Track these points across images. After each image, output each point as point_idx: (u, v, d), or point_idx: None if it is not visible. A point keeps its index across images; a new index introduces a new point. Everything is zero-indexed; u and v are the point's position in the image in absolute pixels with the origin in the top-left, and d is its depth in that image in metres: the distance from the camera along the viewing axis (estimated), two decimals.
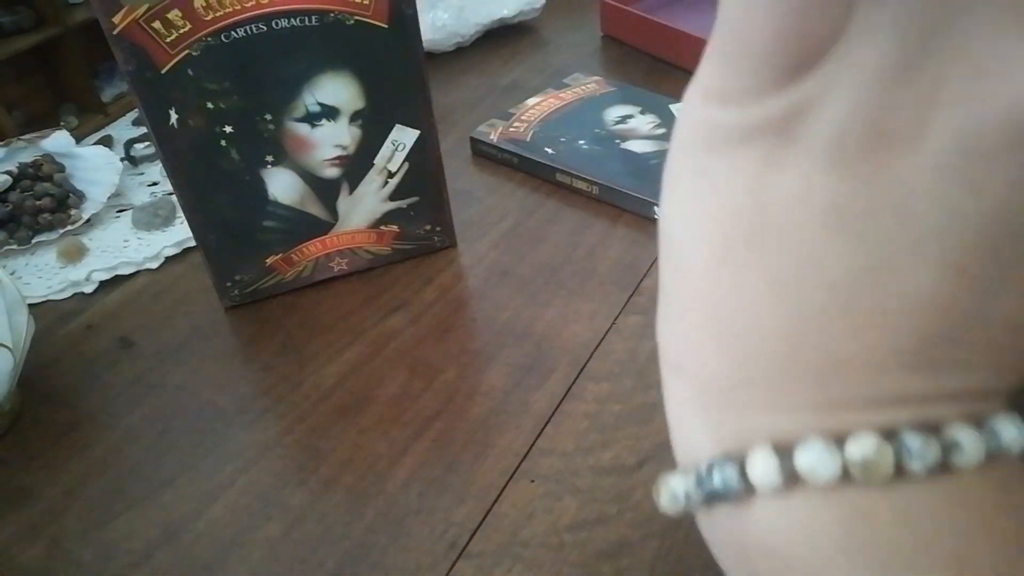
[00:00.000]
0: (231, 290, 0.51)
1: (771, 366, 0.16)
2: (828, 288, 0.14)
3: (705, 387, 0.17)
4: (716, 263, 0.16)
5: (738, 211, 0.15)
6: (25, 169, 0.61)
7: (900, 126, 0.13)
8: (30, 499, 0.41)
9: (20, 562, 0.38)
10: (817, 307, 0.15)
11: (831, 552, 0.15)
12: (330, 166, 0.48)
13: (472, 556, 0.36)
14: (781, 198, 0.14)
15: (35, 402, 0.46)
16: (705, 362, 0.17)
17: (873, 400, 0.15)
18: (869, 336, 0.15)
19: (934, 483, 0.15)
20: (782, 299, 0.15)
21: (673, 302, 0.17)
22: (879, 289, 0.14)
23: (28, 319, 0.45)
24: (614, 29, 0.79)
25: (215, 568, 0.37)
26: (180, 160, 0.45)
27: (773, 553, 0.16)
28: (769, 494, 0.16)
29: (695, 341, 0.17)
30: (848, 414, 0.15)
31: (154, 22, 0.40)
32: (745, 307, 0.15)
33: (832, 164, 0.14)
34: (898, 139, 0.13)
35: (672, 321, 0.18)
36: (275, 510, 0.39)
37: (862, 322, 0.14)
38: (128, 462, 0.42)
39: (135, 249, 0.57)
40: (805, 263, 0.15)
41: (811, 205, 0.14)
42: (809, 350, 0.15)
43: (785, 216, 0.15)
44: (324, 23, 0.43)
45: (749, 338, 0.16)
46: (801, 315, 0.15)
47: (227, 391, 0.46)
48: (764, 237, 0.15)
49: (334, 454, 0.41)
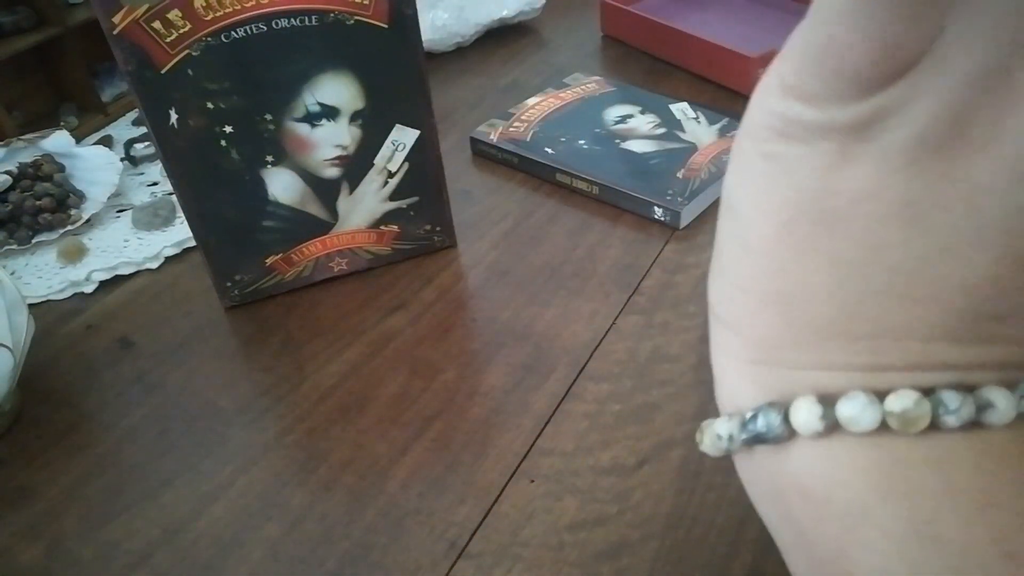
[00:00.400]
0: (231, 290, 0.51)
1: (825, 331, 0.17)
2: (889, 270, 0.16)
3: (758, 344, 0.18)
4: (781, 238, 0.17)
5: (808, 196, 0.16)
6: (25, 169, 0.61)
7: (978, 129, 0.14)
8: (30, 499, 0.41)
9: (20, 562, 0.38)
10: (877, 286, 0.16)
11: (865, 493, 0.16)
12: (330, 166, 0.48)
13: (472, 556, 0.36)
14: (851, 190, 0.16)
15: (35, 402, 0.46)
16: (760, 323, 0.18)
17: (917, 365, 0.16)
18: (923, 311, 0.16)
19: (967, 436, 0.16)
20: (844, 277, 0.16)
21: (732, 268, 0.19)
22: (938, 272, 0.15)
23: (28, 319, 0.45)
24: (614, 29, 0.79)
25: (215, 568, 0.37)
26: (180, 160, 0.45)
27: (809, 494, 0.17)
28: (809, 439, 0.17)
29: (753, 304, 0.18)
30: (893, 375, 0.16)
31: (154, 22, 0.40)
32: (805, 279, 0.17)
33: (908, 163, 0.15)
34: (975, 141, 0.14)
35: (729, 284, 0.19)
36: (275, 510, 0.39)
37: (918, 299, 0.16)
38: (128, 462, 0.42)
39: (135, 249, 0.57)
40: (870, 248, 0.16)
41: (882, 199, 0.15)
42: (864, 321, 0.16)
43: (854, 206, 0.16)
44: (324, 23, 0.43)
45: (807, 306, 0.17)
46: (860, 291, 0.16)
47: (227, 391, 0.46)
48: (831, 221, 0.16)
49: (334, 454, 0.41)
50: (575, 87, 0.68)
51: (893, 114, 0.15)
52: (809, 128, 0.16)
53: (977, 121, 0.14)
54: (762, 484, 0.19)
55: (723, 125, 0.61)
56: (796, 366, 0.17)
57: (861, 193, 0.16)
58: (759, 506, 0.20)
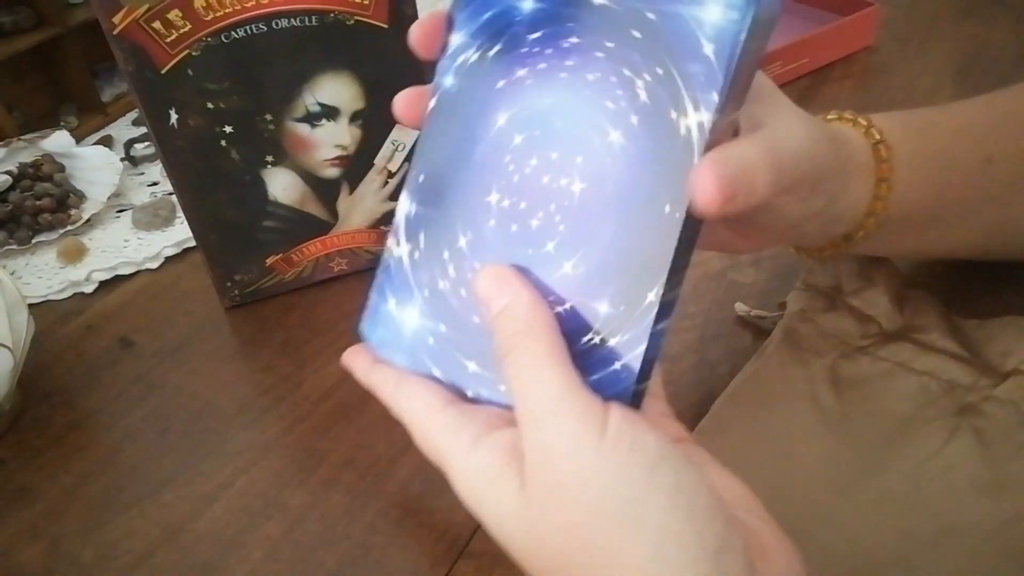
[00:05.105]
0: (231, 290, 0.51)
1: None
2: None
3: None
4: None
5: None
6: (25, 169, 0.61)
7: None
8: (30, 499, 0.41)
9: (20, 562, 0.38)
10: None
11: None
12: (330, 166, 0.48)
13: (472, 556, 0.36)
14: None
15: (35, 402, 0.46)
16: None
17: None
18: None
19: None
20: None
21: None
22: None
23: (28, 319, 0.45)
24: None
25: (215, 568, 0.37)
26: (180, 160, 0.45)
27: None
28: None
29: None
30: None
31: (154, 22, 0.40)
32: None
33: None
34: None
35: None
36: (275, 510, 0.39)
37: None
38: (128, 462, 0.42)
39: (135, 249, 0.57)
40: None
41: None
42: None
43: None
44: (324, 23, 0.43)
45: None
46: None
47: (227, 391, 0.46)
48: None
49: (334, 454, 0.41)
50: None
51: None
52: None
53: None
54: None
55: None
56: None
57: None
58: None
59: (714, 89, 0.22)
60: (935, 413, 0.35)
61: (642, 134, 0.24)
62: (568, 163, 0.25)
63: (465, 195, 0.28)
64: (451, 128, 0.28)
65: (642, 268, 0.24)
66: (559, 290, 0.25)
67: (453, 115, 0.28)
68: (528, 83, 0.26)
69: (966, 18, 0.71)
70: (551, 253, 0.25)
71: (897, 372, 0.37)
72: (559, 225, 0.25)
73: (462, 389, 0.27)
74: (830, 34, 0.67)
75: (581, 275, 0.25)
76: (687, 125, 0.23)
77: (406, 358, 0.28)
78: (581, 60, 0.25)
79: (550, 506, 0.23)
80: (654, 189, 0.24)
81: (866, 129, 0.34)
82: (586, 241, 0.25)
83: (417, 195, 0.29)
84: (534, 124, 0.26)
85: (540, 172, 0.26)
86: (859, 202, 0.33)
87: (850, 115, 0.34)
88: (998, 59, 0.64)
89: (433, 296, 0.28)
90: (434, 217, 0.28)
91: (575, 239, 0.25)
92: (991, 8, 0.72)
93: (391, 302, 0.29)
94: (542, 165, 0.26)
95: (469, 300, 0.27)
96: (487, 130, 0.27)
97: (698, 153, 0.23)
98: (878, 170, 0.33)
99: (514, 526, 0.24)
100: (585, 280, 0.25)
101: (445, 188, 0.28)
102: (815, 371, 0.38)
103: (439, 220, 0.28)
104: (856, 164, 0.32)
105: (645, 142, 0.24)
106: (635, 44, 0.24)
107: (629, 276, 0.24)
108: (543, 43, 0.26)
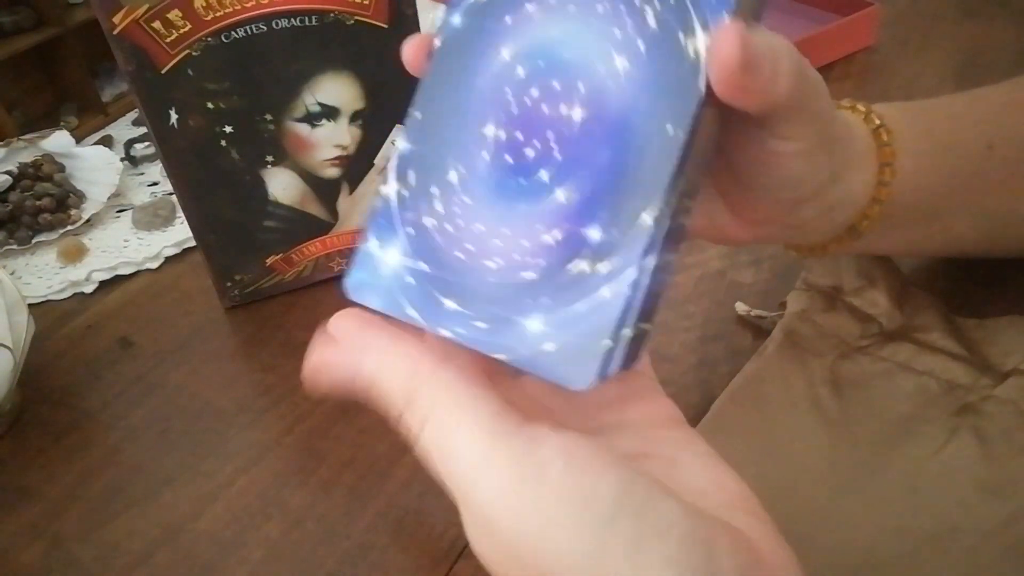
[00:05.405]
0: (231, 290, 0.51)
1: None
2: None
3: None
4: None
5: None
6: (25, 169, 0.61)
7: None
8: (30, 499, 0.41)
9: (20, 562, 0.38)
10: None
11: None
12: (330, 166, 0.48)
13: (472, 556, 0.36)
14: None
15: (35, 402, 0.46)
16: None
17: None
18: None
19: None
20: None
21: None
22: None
23: (28, 319, 0.45)
24: None
25: (215, 568, 0.37)
26: (180, 160, 0.45)
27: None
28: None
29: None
30: None
31: (154, 22, 0.40)
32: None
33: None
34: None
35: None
36: (275, 510, 0.39)
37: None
38: (128, 462, 0.42)
39: (135, 249, 0.57)
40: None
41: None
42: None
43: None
44: (324, 23, 0.43)
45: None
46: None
47: (227, 391, 0.46)
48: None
49: (334, 454, 0.41)
50: None
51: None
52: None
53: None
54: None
55: None
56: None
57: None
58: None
59: (724, 7, 0.22)
60: (935, 413, 0.35)
61: (648, 59, 0.23)
62: (570, 91, 0.25)
63: (460, 129, 0.27)
64: (454, 66, 0.28)
65: (638, 188, 0.23)
66: (549, 218, 0.24)
67: (457, 53, 0.28)
68: (536, 16, 0.26)
69: (966, 18, 0.71)
70: (544, 182, 0.24)
71: (897, 372, 0.37)
72: (555, 153, 0.25)
73: (436, 329, 0.26)
74: (830, 34, 0.67)
75: (574, 202, 0.24)
76: (695, 47, 0.23)
77: (381, 299, 0.27)
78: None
79: (510, 564, 0.21)
80: (656, 109, 0.23)
81: (865, 115, 0.33)
82: (582, 167, 0.24)
83: (412, 133, 0.28)
84: (538, 56, 0.26)
85: (540, 102, 0.25)
86: (864, 186, 0.32)
87: (848, 102, 0.34)
88: (998, 59, 0.64)
89: (418, 234, 0.27)
90: (426, 153, 0.28)
91: (571, 166, 0.24)
92: (991, 8, 0.72)
93: (373, 243, 0.28)
94: (543, 95, 0.25)
95: (455, 236, 0.26)
96: (490, 65, 0.27)
97: (704, 73, 0.22)
98: (880, 154, 0.32)
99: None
100: (578, 207, 0.24)
101: (441, 125, 0.27)
102: (815, 371, 0.38)
103: (431, 156, 0.27)
104: (858, 149, 0.32)
105: (651, 66, 0.23)
106: None
107: (624, 197, 0.23)
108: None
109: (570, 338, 0.23)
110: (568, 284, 0.23)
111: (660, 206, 0.22)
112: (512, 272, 0.24)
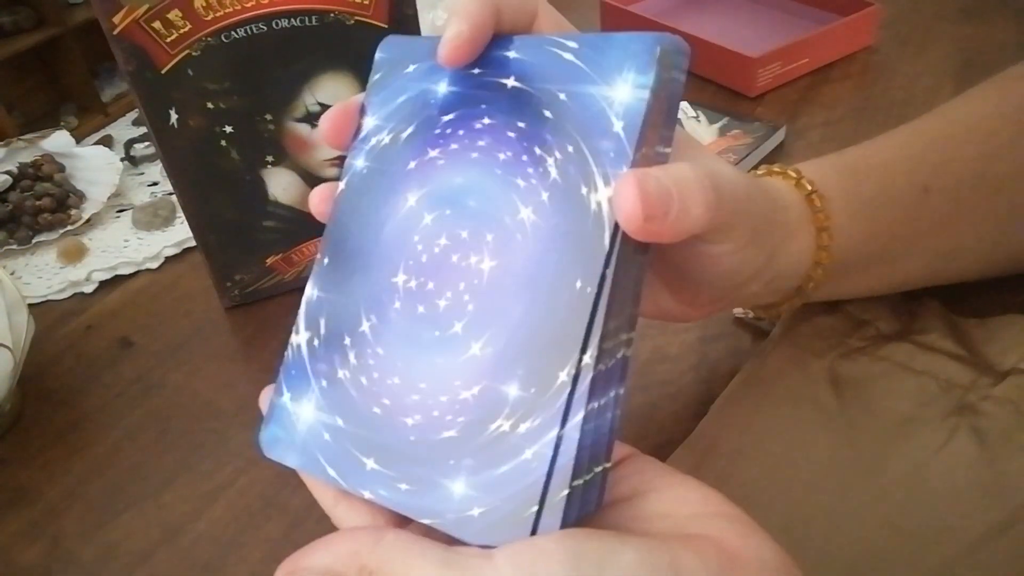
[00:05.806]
0: (231, 290, 0.51)
1: None
2: None
3: None
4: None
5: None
6: (25, 169, 0.61)
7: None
8: (30, 499, 0.41)
9: (20, 562, 0.38)
10: None
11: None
12: (330, 166, 0.48)
13: None
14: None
15: (35, 402, 0.46)
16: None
17: None
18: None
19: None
20: None
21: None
22: None
23: (28, 319, 0.45)
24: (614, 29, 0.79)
25: (215, 568, 0.37)
26: (180, 160, 0.45)
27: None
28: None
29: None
30: None
31: (154, 22, 0.41)
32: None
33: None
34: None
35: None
36: (275, 510, 0.39)
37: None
38: (128, 462, 0.42)
39: (135, 249, 0.57)
40: None
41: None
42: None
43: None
44: (324, 23, 0.43)
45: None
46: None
47: (227, 391, 0.46)
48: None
49: None
50: None
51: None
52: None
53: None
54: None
55: (723, 124, 0.61)
56: None
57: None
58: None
59: (624, 163, 0.22)
60: (934, 412, 0.35)
61: (553, 211, 0.23)
62: (478, 241, 0.24)
63: (370, 277, 0.26)
64: (359, 210, 0.27)
65: (553, 347, 0.22)
66: (466, 374, 0.23)
67: (362, 197, 0.27)
68: (440, 163, 0.25)
69: (966, 18, 0.71)
70: (459, 334, 0.24)
71: (896, 372, 0.37)
72: (467, 304, 0.24)
73: (359, 490, 0.25)
74: (830, 34, 0.67)
75: (489, 356, 0.23)
76: (598, 200, 0.22)
77: (299, 457, 0.26)
78: (493, 140, 0.25)
79: None
80: (565, 265, 0.22)
81: (796, 181, 0.33)
82: (495, 320, 0.23)
83: (320, 280, 0.27)
84: (444, 203, 0.25)
85: (449, 251, 0.24)
86: (803, 255, 0.33)
87: (779, 168, 0.34)
88: (998, 59, 0.64)
89: (331, 386, 0.26)
90: (336, 301, 0.27)
91: (484, 319, 0.23)
92: (991, 8, 0.72)
93: (285, 396, 0.27)
94: (451, 244, 0.24)
95: (370, 389, 0.25)
96: (396, 211, 0.26)
97: (609, 228, 0.22)
98: (815, 220, 0.33)
99: None
100: (494, 362, 0.23)
101: (350, 271, 0.27)
102: (814, 371, 0.38)
103: (341, 304, 0.26)
104: (793, 218, 0.32)
105: (556, 219, 0.23)
106: (546, 123, 0.24)
107: (539, 354, 0.22)
108: (456, 124, 0.25)
109: (496, 503, 0.21)
110: (490, 444, 0.22)
111: (578, 363, 0.21)
112: (432, 430, 0.23)
